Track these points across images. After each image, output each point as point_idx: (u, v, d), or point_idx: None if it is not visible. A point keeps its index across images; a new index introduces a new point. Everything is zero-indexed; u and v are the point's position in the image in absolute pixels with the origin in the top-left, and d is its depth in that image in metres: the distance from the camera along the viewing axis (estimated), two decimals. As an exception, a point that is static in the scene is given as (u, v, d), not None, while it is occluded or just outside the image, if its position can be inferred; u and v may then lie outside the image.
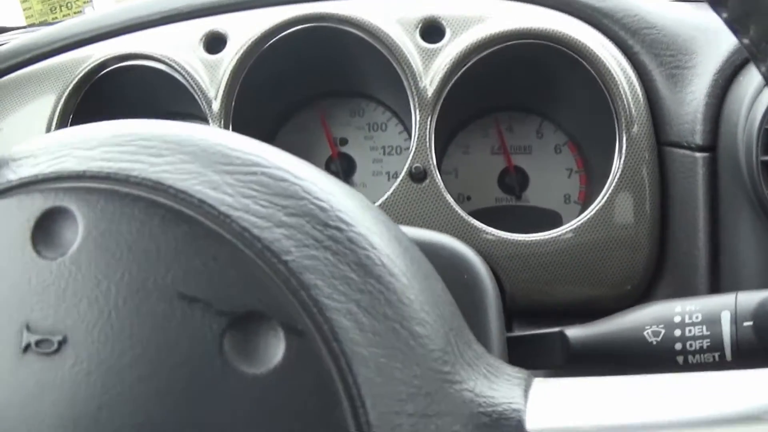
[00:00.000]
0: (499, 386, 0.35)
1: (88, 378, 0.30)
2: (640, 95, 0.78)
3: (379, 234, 0.35)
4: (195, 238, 0.32)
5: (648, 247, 0.78)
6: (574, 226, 0.77)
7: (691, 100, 0.74)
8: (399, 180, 0.80)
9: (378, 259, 0.34)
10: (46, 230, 0.33)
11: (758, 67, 0.34)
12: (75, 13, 1.32)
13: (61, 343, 0.31)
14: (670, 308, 0.53)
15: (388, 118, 0.94)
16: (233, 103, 0.84)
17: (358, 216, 0.35)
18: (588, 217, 0.77)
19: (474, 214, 0.80)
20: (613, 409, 0.34)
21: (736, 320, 0.51)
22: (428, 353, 0.33)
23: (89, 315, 0.31)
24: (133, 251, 0.32)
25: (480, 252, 0.63)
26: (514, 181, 0.89)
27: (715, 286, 0.74)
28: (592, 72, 0.78)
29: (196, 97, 0.85)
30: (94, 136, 0.36)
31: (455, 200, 0.80)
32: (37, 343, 0.31)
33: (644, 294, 0.79)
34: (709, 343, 0.52)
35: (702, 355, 0.52)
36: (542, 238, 0.77)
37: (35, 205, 0.33)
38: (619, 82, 0.77)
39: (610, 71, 0.77)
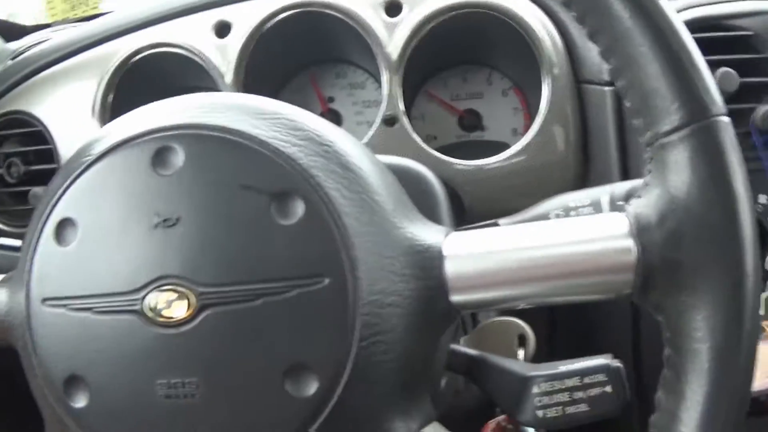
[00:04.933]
0: (429, 232, 0.56)
1: (197, 239, 0.53)
2: (560, 45, 0.97)
3: (351, 148, 0.57)
4: (249, 155, 0.54)
5: (574, 165, 0.96)
6: (515, 151, 0.95)
7: (599, 46, 0.93)
8: (375, 125, 0.98)
9: (352, 162, 0.56)
10: (160, 159, 0.55)
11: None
12: (92, 9, 1.48)
13: (178, 219, 0.53)
14: (567, 197, 0.70)
15: (366, 78, 1.11)
16: (242, 77, 1.02)
17: (339, 138, 0.57)
18: (525, 143, 0.95)
19: (440, 150, 0.98)
20: (499, 240, 0.55)
21: (612, 201, 0.67)
22: (383, 211, 0.55)
23: (192, 203, 0.53)
24: (213, 166, 0.54)
25: (444, 178, 0.82)
26: (470, 121, 1.07)
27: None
28: (521, 31, 0.96)
29: (212, 74, 1.03)
30: (177, 103, 0.59)
31: (423, 140, 0.98)
32: (164, 221, 0.53)
33: (575, 201, 0.98)
34: (593, 219, 0.71)
35: (589, 226, 0.71)
36: (490, 160, 0.96)
37: (151, 145, 0.55)
38: (541, 37, 0.96)
39: (533, 29, 0.96)
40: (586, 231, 0.54)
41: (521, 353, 0.80)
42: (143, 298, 0.53)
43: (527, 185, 0.96)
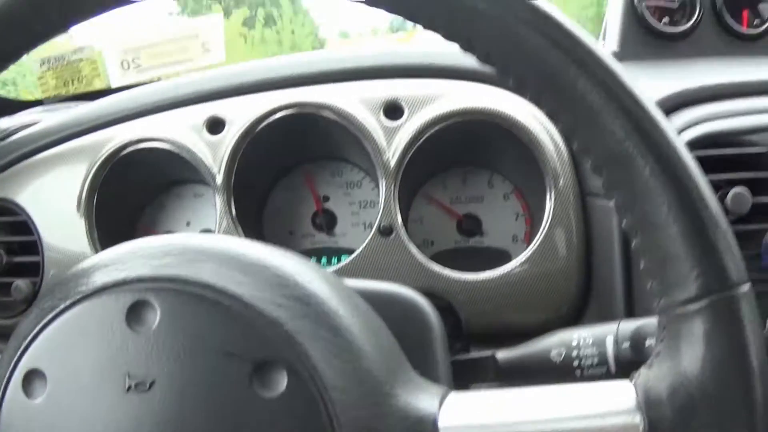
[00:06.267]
0: (424, 398, 0.52)
1: (172, 408, 0.48)
2: (565, 155, 0.93)
3: (342, 306, 0.53)
4: (230, 318, 0.50)
5: (578, 276, 0.93)
6: (515, 264, 0.92)
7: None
8: (370, 236, 0.94)
9: (342, 324, 0.51)
10: (135, 313, 0.51)
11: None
12: (86, 86, 1.45)
13: (152, 384, 0.49)
14: (570, 335, 0.68)
15: (362, 177, 1.08)
16: (233, 176, 0.99)
17: (329, 295, 0.53)
18: (527, 256, 0.91)
19: (437, 257, 0.95)
20: (499, 409, 0.51)
21: (617, 342, 0.66)
22: (374, 380, 0.50)
23: (168, 367, 0.49)
24: (191, 327, 0.50)
25: (440, 290, 0.79)
26: (469, 226, 1.04)
27: (630, 306, 0.88)
28: (523, 140, 0.93)
29: (202, 172, 1.00)
30: (158, 248, 0.54)
31: (420, 245, 0.95)
32: (136, 385, 0.49)
33: (577, 314, 0.94)
34: (597, 360, 0.66)
35: (593, 369, 0.66)
36: (492, 274, 0.92)
37: (127, 298, 0.51)
38: (545, 147, 0.92)
39: (537, 139, 0.92)
40: (591, 402, 0.50)
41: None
42: None
43: (528, 298, 0.93)
